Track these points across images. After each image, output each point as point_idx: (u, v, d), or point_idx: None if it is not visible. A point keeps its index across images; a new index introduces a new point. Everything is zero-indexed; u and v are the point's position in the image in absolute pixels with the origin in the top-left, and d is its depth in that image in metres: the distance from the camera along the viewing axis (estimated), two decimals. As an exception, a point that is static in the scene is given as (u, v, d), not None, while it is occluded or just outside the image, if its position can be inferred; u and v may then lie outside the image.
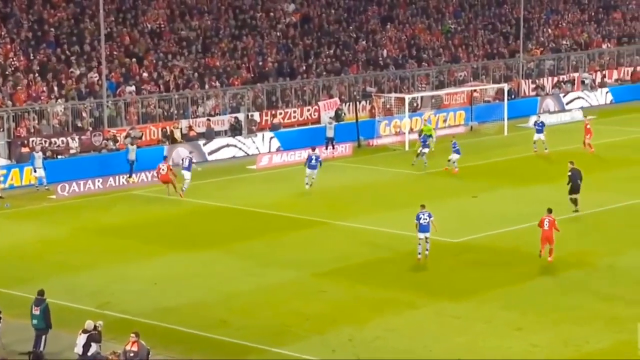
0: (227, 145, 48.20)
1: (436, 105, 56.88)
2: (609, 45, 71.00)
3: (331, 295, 27.64)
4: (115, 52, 50.66)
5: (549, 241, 30.36)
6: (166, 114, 49.00)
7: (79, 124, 46.23)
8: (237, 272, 29.96)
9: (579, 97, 62.77)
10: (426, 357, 23.25)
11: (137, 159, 43.03)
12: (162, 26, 54.23)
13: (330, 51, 57.78)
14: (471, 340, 24.25)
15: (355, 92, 55.12)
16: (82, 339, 21.99)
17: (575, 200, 35.94)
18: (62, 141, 44.46)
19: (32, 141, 43.25)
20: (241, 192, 40.83)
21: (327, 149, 48.60)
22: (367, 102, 55.26)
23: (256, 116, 51.17)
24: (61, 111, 46.02)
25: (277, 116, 51.55)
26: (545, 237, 30.31)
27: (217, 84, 51.96)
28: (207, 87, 51.54)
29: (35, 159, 41.13)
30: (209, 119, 49.47)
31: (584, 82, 64.97)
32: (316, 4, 61.36)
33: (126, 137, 45.88)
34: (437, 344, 24.03)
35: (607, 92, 64.51)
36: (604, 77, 66.85)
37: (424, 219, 30.52)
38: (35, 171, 41.19)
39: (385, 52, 59.97)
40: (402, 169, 44.97)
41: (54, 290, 26.25)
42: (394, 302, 26.93)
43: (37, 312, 23.33)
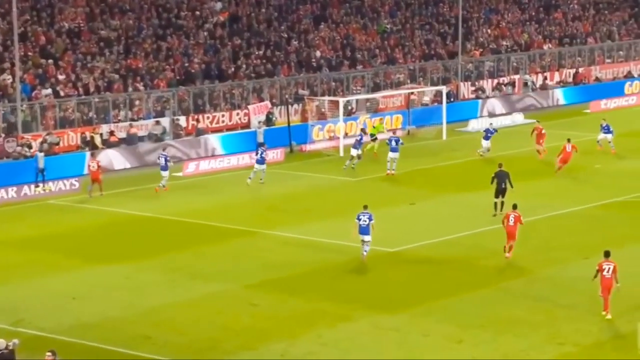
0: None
1: (372, 108, 57.15)
2: (550, 46, 72.11)
3: (262, 308, 27.58)
4: (29, 53, 49.99)
5: (512, 237, 31.30)
6: (85, 118, 48.48)
7: (-9, 129, 45.53)
8: (162, 285, 29.72)
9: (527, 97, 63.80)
10: (362, 372, 23.31)
11: (46, 167, 42.30)
12: (81, 25, 53.67)
13: (260, 52, 57.74)
14: (408, 354, 24.36)
15: (286, 95, 55.13)
16: (-7, 358, 21.58)
17: (498, 204, 36.36)
18: (-27, 148, 43.71)
19: (-60, 148, 42.42)
20: (166, 201, 40.58)
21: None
22: (300, 105, 55.29)
23: (182, 120, 50.88)
24: (-29, 116, 45.28)
25: (204, 121, 51.32)
26: (509, 232, 31.34)
27: (141, 86, 51.56)
28: (130, 89, 51.10)
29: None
30: (131, 124, 49.06)
31: (526, 84, 65.88)
32: (245, 2, 61.32)
33: (42, 142, 45.25)
34: (373, 358, 24.06)
35: (560, 94, 65.65)
36: (546, 79, 67.86)
37: (363, 221, 31.05)
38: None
39: (318, 53, 60.11)
40: (337, 175, 45.07)
41: (-37, 307, 25.73)
42: (328, 314, 26.94)
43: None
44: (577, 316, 26.62)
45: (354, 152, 45.80)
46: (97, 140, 47.27)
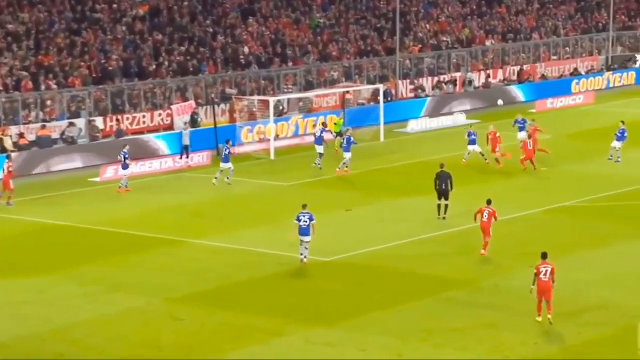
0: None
1: (305, 108, 57.27)
2: (493, 41, 72.91)
3: (187, 323, 27.43)
4: None
5: (486, 233, 32.64)
6: (-7, 119, 47.88)
7: None
8: (78, 299, 29.44)
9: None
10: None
11: None
12: (-13, 18, 53.00)
13: (183, 48, 57.52)
14: (346, 369, 24.43)
15: (213, 95, 54.99)
16: None
17: (440, 207, 36.68)
18: None
19: None
20: (82, 208, 40.27)
21: (181, 158, 48.33)
22: (227, 105, 55.18)
23: (99, 122, 50.44)
24: None
25: (124, 121, 50.95)
26: (483, 228, 32.64)
27: (53, 84, 50.99)
28: (42, 88, 50.51)
29: None
30: (43, 125, 48.51)
31: (470, 82, 66.48)
32: (167, -6, 61.08)
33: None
34: (307, 375, 24.12)
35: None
36: (488, 77, 68.60)
37: (303, 222, 31.53)
38: None
39: (246, 49, 60.05)
40: (267, 180, 45.07)
41: None
42: (259, 329, 26.90)
43: None
44: (523, 327, 26.89)
45: (319, 149, 46.33)
46: (7, 142, 46.66)
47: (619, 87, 73.21)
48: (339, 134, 50.78)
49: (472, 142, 46.39)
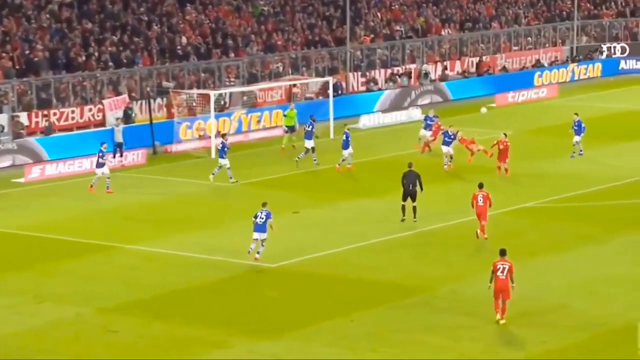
0: None
1: (249, 103, 57.29)
2: (450, 31, 73.39)
3: (122, 335, 27.36)
4: None
5: (483, 217, 34.56)
6: None
7: None
8: (2, 310, 29.24)
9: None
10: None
11: None
12: None
13: (115, 38, 57.27)
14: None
15: (148, 88, 54.83)
16: None
17: (405, 208, 36.88)
18: None
19: None
20: (5, 212, 39.99)
21: (114, 156, 48.13)
22: (164, 99, 55.04)
23: (23, 117, 50.11)
24: None
25: (51, 117, 50.65)
26: (479, 213, 34.61)
27: (-27, 77, 50.64)
28: (-41, 81, 50.17)
29: None
30: (-38, 122, 48.17)
31: (427, 74, 66.81)
32: (97, -22, 60.78)
33: None
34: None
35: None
36: (446, 69, 69.06)
37: (260, 218, 32.60)
38: None
39: (184, 39, 59.94)
40: (208, 180, 45.00)
41: None
42: (199, 341, 26.90)
43: None
44: (483, 335, 27.16)
45: (308, 144, 46.62)
46: None
47: (585, 79, 74.07)
48: (291, 128, 50.72)
49: (447, 143, 46.06)
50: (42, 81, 52.14)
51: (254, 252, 32.69)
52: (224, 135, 45.62)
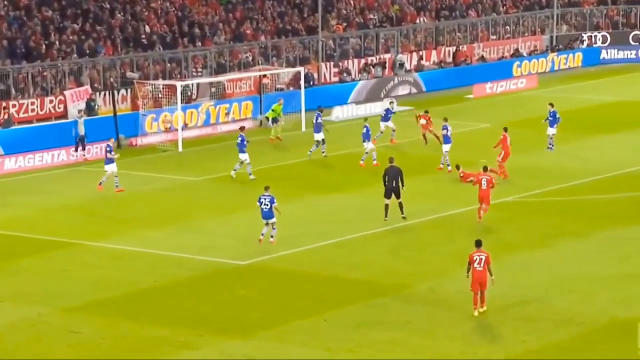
0: None
1: (217, 94, 57.26)
2: (425, 19, 73.53)
3: (85, 336, 27.34)
4: None
5: (486, 201, 36.03)
6: None
7: None
8: (-39, 311, 29.25)
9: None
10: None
11: None
12: None
13: (77, 26, 57.08)
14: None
15: (111, 79, 54.69)
16: None
17: (388, 207, 36.97)
18: None
19: None
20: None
21: (77, 150, 48.03)
22: (128, 91, 54.92)
23: (-19, 109, 49.95)
24: None
25: (10, 109, 50.45)
26: (482, 196, 36.10)
27: None
28: None
29: None
30: None
31: (401, 64, 66.90)
32: (58, -36, 60.54)
33: None
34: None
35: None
36: (421, 59, 69.21)
37: (264, 205, 33.97)
38: None
39: (148, 28, 59.82)
40: (175, 174, 44.98)
41: None
42: (168, 341, 26.91)
43: None
44: (462, 335, 27.31)
45: (318, 136, 46.97)
46: None
47: (565, 69, 74.40)
48: (274, 120, 50.95)
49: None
50: (0, 71, 51.90)
51: (267, 236, 34.07)
52: (243, 128, 45.46)
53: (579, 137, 50.33)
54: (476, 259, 27.88)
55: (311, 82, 60.85)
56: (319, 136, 47.42)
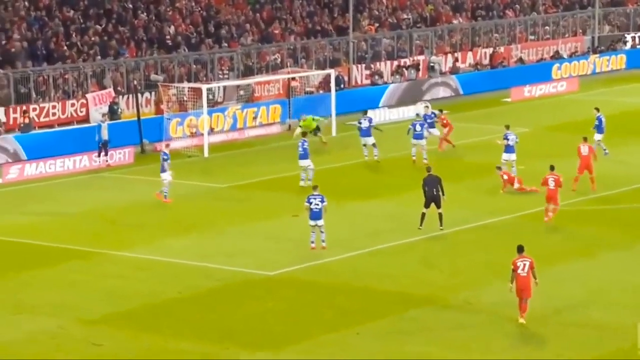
0: None
1: (245, 98, 57.30)
2: (461, 20, 73.36)
3: (107, 349, 27.33)
4: None
5: (554, 201, 37.03)
6: None
7: None
8: (-23, 322, 29.30)
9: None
10: None
11: None
12: None
13: (99, 27, 57.26)
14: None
15: (135, 81, 54.81)
16: None
17: (425, 216, 36.85)
18: None
19: None
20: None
21: (99, 155, 48.11)
22: (152, 94, 55.03)
23: (0, 113, 50.10)
24: None
25: (30, 113, 50.65)
26: (549, 196, 37.04)
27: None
28: None
29: None
30: None
31: (432, 67, 66.83)
32: (80, -37, 60.77)
33: None
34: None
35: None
36: (457, 60, 69.02)
37: (315, 204, 34.10)
38: None
39: (173, 28, 59.94)
40: (200, 181, 45.03)
41: None
42: (191, 355, 26.89)
43: None
44: (497, 350, 27.12)
45: (369, 140, 47.25)
46: None
47: (607, 72, 74.00)
48: (316, 130, 50.26)
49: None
50: (21, 74, 52.13)
51: (318, 241, 34.31)
52: (305, 134, 45.37)
53: (622, 142, 49.95)
54: (520, 265, 28.07)
55: (342, 85, 60.78)
56: (369, 140, 47.20)
